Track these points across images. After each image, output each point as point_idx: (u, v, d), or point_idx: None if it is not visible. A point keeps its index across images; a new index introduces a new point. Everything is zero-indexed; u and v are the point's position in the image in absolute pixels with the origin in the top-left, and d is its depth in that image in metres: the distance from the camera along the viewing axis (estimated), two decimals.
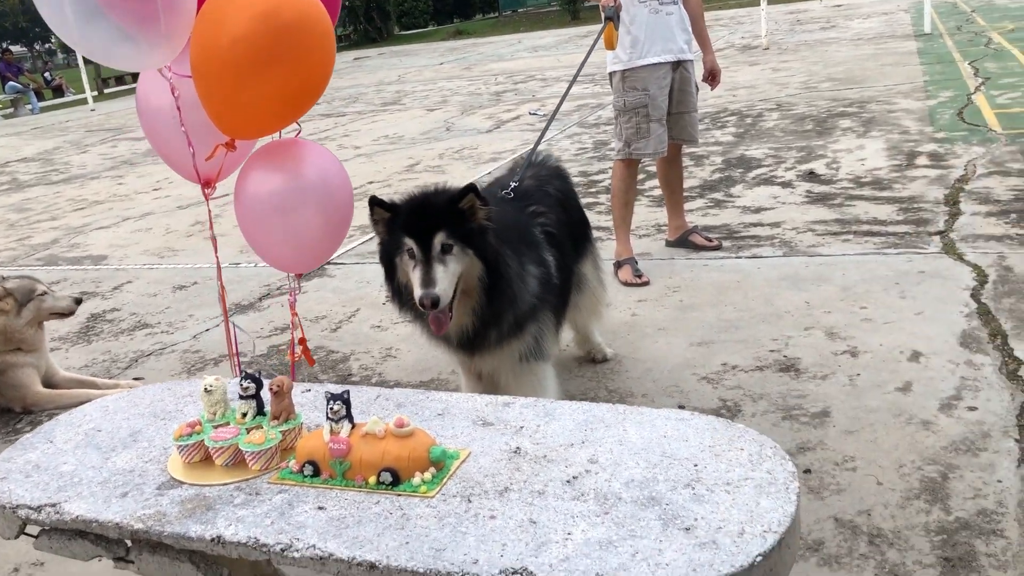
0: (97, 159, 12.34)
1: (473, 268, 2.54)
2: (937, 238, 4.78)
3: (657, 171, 5.22)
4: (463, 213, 2.51)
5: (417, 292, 2.45)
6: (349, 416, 1.80)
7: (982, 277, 4.16)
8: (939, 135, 7.17)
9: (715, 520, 1.51)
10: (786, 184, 6.32)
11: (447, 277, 2.46)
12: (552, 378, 2.95)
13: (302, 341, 3.03)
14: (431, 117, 12.22)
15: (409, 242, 2.50)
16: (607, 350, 3.84)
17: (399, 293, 2.68)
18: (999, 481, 2.65)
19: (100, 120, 18.27)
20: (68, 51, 68.36)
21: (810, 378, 3.46)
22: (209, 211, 3.12)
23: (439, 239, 2.46)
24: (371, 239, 6.30)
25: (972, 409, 3.06)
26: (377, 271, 5.42)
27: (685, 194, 6.31)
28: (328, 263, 5.85)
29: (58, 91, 27.85)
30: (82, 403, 3.64)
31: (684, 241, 5.15)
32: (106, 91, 27.81)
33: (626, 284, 4.68)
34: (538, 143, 3.69)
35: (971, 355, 3.44)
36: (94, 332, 5.03)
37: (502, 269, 2.57)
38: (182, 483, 1.84)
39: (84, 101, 21.82)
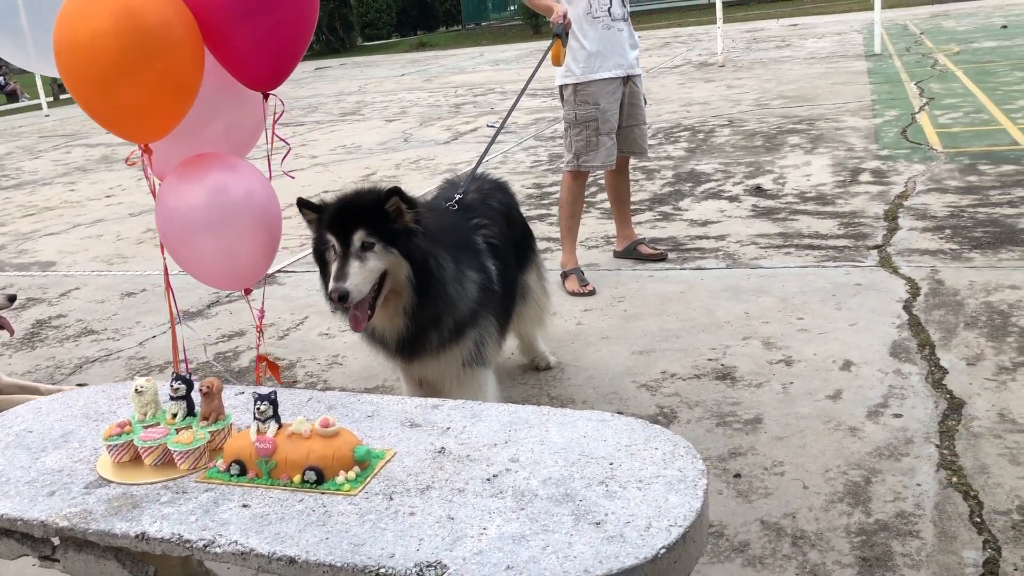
0: (50, 165, 12.20)
1: (399, 268, 2.58)
2: (875, 252, 4.92)
3: (606, 183, 5.31)
4: (388, 214, 2.56)
5: (329, 285, 2.51)
6: (276, 416, 1.84)
7: (915, 290, 4.29)
8: (883, 152, 7.36)
9: (624, 515, 1.57)
10: (733, 198, 6.45)
11: (362, 273, 2.50)
12: (493, 384, 3.00)
13: (261, 358, 3.05)
14: (389, 128, 12.25)
15: (331, 239, 2.55)
16: (551, 358, 3.91)
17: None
18: (918, 485, 2.75)
19: (54, 126, 18.03)
20: None
21: (745, 386, 3.55)
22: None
23: (359, 236, 2.51)
24: None
25: (897, 416, 3.17)
26: None
27: (635, 207, 6.43)
28: (279, 271, 5.86)
29: (12, 96, 27.44)
30: None
31: (631, 252, 5.25)
32: (61, 97, 27.43)
33: (572, 294, 4.75)
34: (481, 159, 3.76)
35: (900, 364, 3.56)
36: (39, 338, 4.99)
37: (433, 269, 2.61)
38: (110, 482, 1.87)
39: (39, 107, 21.51)
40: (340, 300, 2.47)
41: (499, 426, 1.94)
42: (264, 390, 1.84)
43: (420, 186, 8.04)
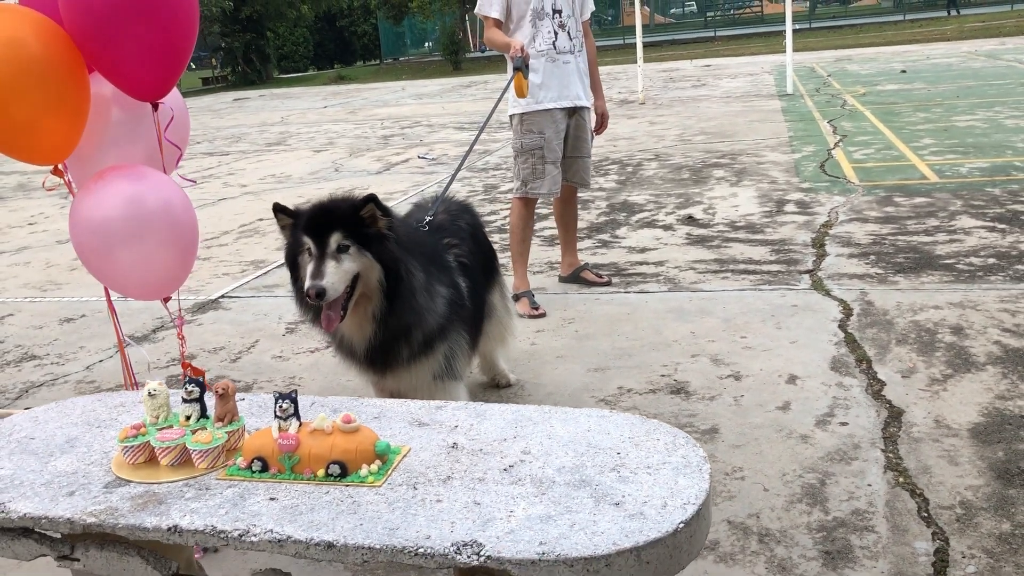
0: None
1: (371, 271, 2.67)
2: (807, 276, 5.20)
3: (553, 210, 5.48)
4: (363, 220, 2.66)
5: (306, 283, 2.57)
6: (296, 414, 1.91)
7: (847, 310, 4.57)
8: (804, 185, 7.75)
9: (640, 496, 1.69)
10: (667, 227, 6.70)
11: (337, 273, 2.58)
12: (465, 397, 3.09)
13: (185, 364, 3.08)
14: (318, 158, 12.26)
15: (307, 241, 2.63)
16: (511, 376, 4.02)
17: (301, 293, 2.77)
18: (869, 485, 2.95)
19: None
20: None
21: (699, 399, 3.73)
22: None
23: (335, 239, 2.60)
24: (265, 273, 6.32)
25: (844, 424, 3.38)
26: (274, 304, 5.49)
27: (579, 234, 6.63)
28: (223, 296, 5.84)
29: None
30: None
31: (576, 277, 5.41)
32: None
33: (524, 316, 4.88)
34: (450, 183, 3.89)
35: (841, 378, 3.79)
36: None
37: (403, 274, 2.70)
38: (129, 481, 1.90)
39: None
40: (317, 297, 2.54)
41: (505, 423, 2.05)
42: (285, 389, 1.91)
43: None
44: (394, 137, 14.05)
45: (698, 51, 29.24)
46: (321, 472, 1.85)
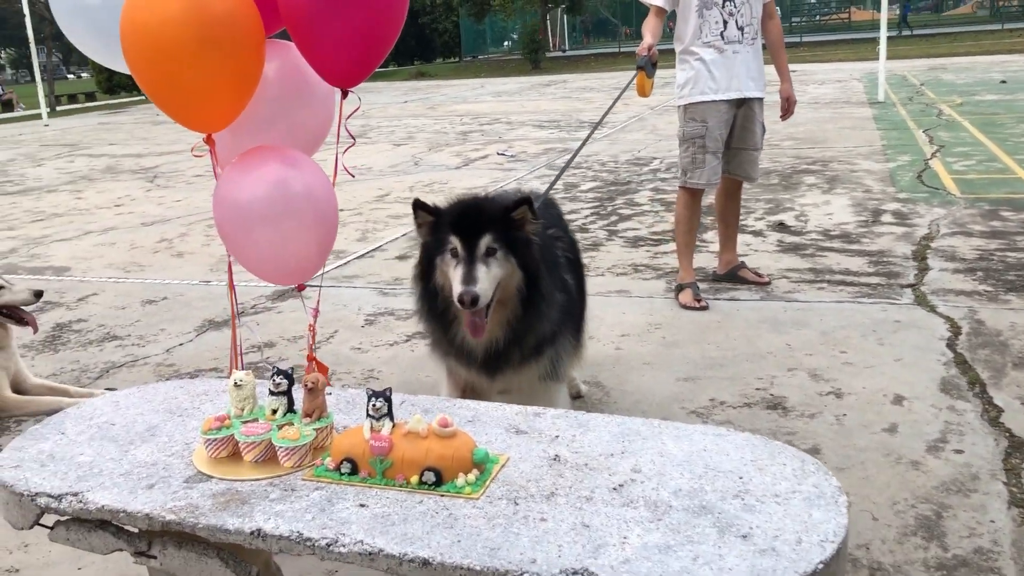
0: (53, 173, 12.08)
1: (513, 277, 2.53)
2: (909, 290, 4.91)
3: (715, 204, 5.32)
4: (512, 222, 2.52)
5: (457, 288, 2.41)
6: (390, 414, 1.77)
7: (955, 329, 4.28)
8: (901, 195, 7.40)
9: (770, 529, 1.51)
10: (757, 233, 6.45)
11: (488, 278, 2.44)
12: (564, 400, 2.94)
13: (311, 358, 2.99)
14: (398, 152, 12.24)
15: (454, 241, 2.48)
16: (582, 386, 3.81)
17: (431, 297, 2.64)
18: (992, 521, 2.71)
19: (55, 135, 17.92)
20: (18, 67, 67.17)
21: (798, 416, 3.50)
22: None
23: (485, 241, 2.45)
24: (344, 264, 6.26)
25: (959, 452, 3.13)
26: (353, 295, 5.41)
27: (659, 238, 6.43)
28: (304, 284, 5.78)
29: (8, 106, 27.33)
30: (53, 411, 3.54)
31: (733, 276, 5.23)
32: (58, 108, 27.36)
33: (685, 307, 4.79)
34: (563, 171, 3.74)
35: (952, 401, 3.52)
36: (60, 342, 4.88)
37: (540, 284, 2.57)
38: (211, 477, 1.79)
39: (38, 116, 21.39)
40: (472, 304, 2.40)
41: (610, 436, 1.88)
42: (378, 387, 1.78)
43: None
44: (473, 133, 13.97)
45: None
46: (415, 479, 1.71)
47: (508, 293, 2.55)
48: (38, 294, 3.86)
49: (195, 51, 2.49)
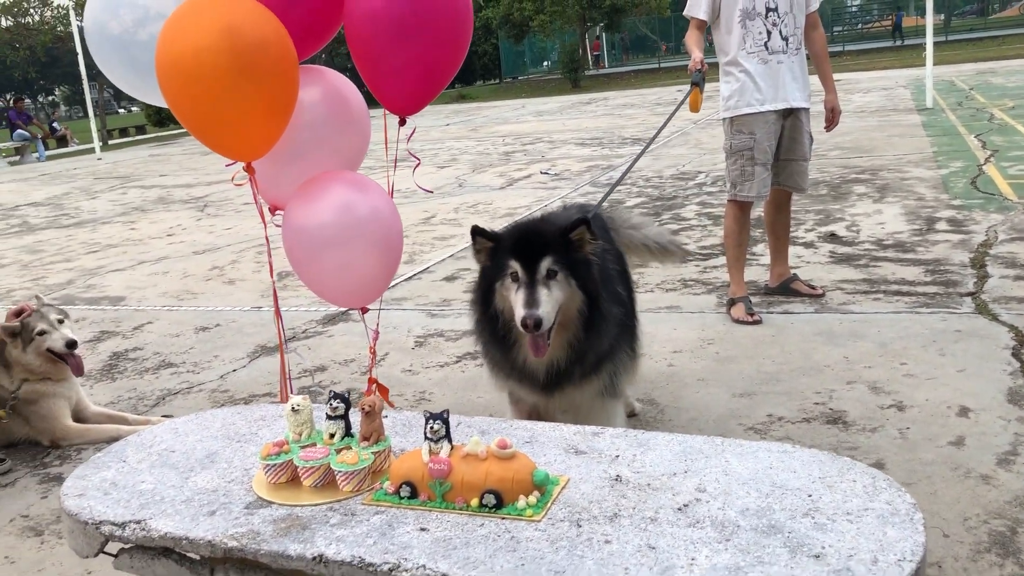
0: (107, 205, 12.35)
1: (573, 300, 2.51)
2: (969, 299, 4.78)
3: (764, 216, 5.26)
4: (571, 243, 2.50)
5: (520, 312, 2.40)
6: (448, 436, 1.75)
7: (1020, 338, 4.15)
8: (955, 202, 7.24)
9: (844, 548, 1.46)
10: (808, 244, 6.35)
11: (550, 301, 2.42)
12: (622, 416, 2.91)
13: (372, 380, 3.00)
14: (442, 174, 12.30)
15: (514, 265, 2.47)
16: (635, 404, 3.76)
17: (491, 322, 2.63)
18: None
19: (108, 168, 18.34)
20: (71, 103, 69.13)
21: (859, 430, 3.42)
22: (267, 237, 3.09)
23: (546, 263, 2.44)
24: (393, 286, 6.28)
25: None
26: (403, 318, 5.43)
27: (708, 251, 6.36)
28: (351, 309, 5.82)
29: (62, 141, 28.04)
30: (112, 439, 3.60)
31: (786, 288, 5.16)
32: (110, 142, 28.02)
33: (737, 321, 4.73)
34: (626, 172, 3.70)
35: (1022, 412, 3.41)
36: (117, 370, 4.96)
37: (601, 304, 2.55)
38: (271, 503, 1.79)
39: (91, 151, 21.95)
40: (535, 327, 2.38)
41: (672, 455, 1.85)
42: (431, 409, 1.76)
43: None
44: (516, 153, 14.00)
45: None
46: (475, 502, 1.68)
47: (569, 315, 2.53)
48: (70, 344, 3.89)
49: (230, 80, 2.51)
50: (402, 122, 2.86)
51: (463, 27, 2.81)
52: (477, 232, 2.60)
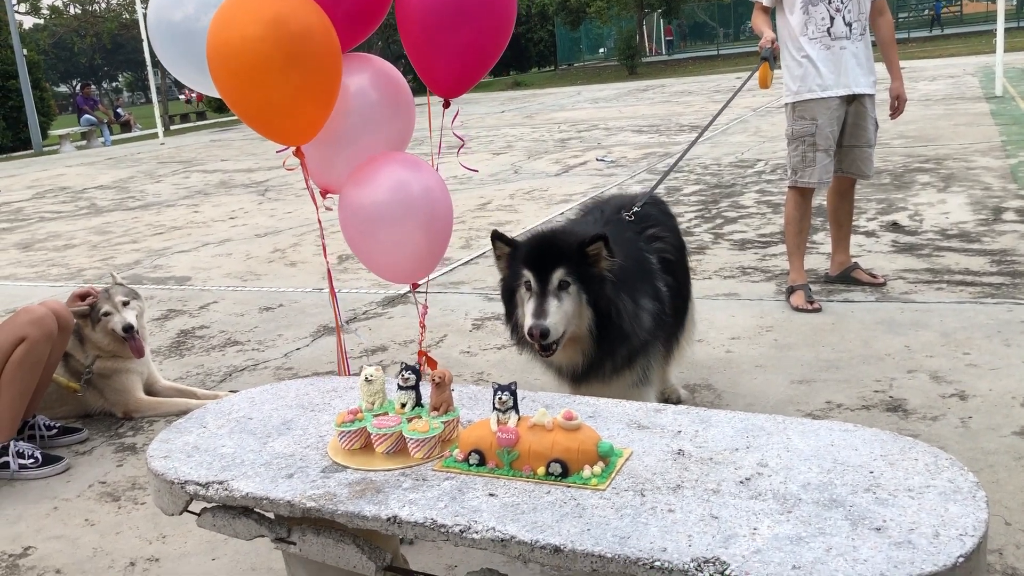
0: (171, 188, 12.67)
1: (583, 315, 2.53)
2: None
3: (827, 203, 5.25)
4: (587, 257, 2.52)
5: (527, 322, 2.44)
6: (516, 407, 1.81)
7: None
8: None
9: (905, 522, 1.49)
10: (870, 234, 6.28)
11: (559, 312, 2.45)
12: (654, 400, 2.95)
13: (423, 353, 3.08)
14: (498, 160, 12.36)
15: (527, 274, 2.51)
16: (681, 391, 3.75)
17: (517, 329, 2.68)
18: None
19: (171, 153, 18.77)
20: (134, 89, 70.69)
21: (920, 419, 3.40)
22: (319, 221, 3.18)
23: (558, 275, 2.47)
24: (451, 270, 6.37)
25: None
26: (460, 301, 5.51)
27: (767, 240, 6.33)
28: (408, 292, 5.92)
29: (126, 126, 28.73)
30: (182, 412, 3.74)
31: (847, 277, 5.14)
32: (172, 127, 28.62)
33: (797, 309, 4.71)
34: (683, 154, 3.73)
35: None
36: (185, 347, 5.12)
37: (613, 318, 2.56)
38: (346, 467, 1.87)
39: (154, 135, 22.46)
40: (541, 338, 2.42)
41: (734, 432, 1.88)
42: (504, 381, 1.82)
43: (538, 215, 8.08)
44: (571, 140, 14.01)
45: None
46: (541, 470, 1.74)
47: (580, 331, 2.56)
48: (127, 328, 3.99)
49: (277, 67, 2.58)
50: (446, 104, 2.92)
51: (509, 10, 2.87)
52: (496, 237, 2.64)
